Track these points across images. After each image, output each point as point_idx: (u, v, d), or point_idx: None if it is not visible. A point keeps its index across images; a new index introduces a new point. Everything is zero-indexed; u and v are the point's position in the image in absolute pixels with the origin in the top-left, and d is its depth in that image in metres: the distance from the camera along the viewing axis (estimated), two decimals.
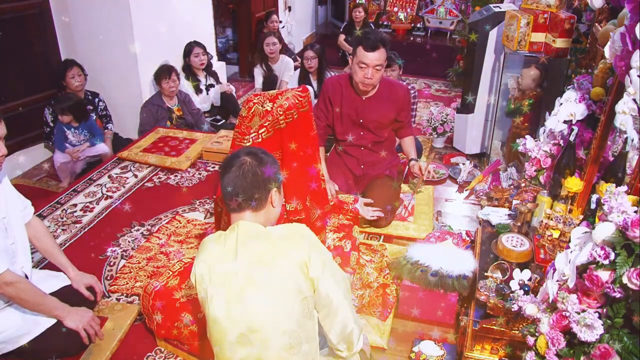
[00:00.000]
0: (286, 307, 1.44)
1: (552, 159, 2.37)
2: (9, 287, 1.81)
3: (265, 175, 1.50)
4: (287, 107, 2.08)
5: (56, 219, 3.01)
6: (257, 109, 2.05)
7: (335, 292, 1.50)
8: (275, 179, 1.54)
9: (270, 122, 2.04)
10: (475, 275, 2.19)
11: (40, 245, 2.16)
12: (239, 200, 1.48)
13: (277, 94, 2.13)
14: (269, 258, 1.45)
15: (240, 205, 1.50)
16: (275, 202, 1.55)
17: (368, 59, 2.62)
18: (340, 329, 1.53)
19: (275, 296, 1.44)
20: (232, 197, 1.48)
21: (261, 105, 2.06)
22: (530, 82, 3.23)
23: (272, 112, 2.04)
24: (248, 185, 1.48)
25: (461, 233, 2.68)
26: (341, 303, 1.51)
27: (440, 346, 2.09)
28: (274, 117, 2.05)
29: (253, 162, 1.49)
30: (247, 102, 2.08)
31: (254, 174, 1.48)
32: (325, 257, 1.53)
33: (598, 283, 1.38)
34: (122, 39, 4.02)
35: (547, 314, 1.60)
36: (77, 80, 3.80)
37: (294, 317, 1.45)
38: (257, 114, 2.05)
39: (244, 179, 1.48)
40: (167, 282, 2.09)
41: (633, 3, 1.54)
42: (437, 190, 3.37)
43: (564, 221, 2.04)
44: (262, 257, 1.46)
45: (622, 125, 1.68)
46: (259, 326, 1.44)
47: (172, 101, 4.23)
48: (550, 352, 1.53)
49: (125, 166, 3.64)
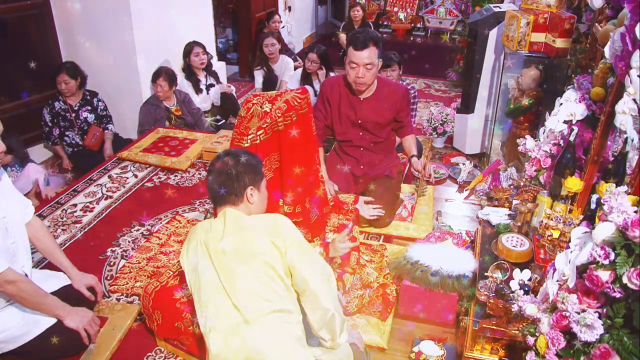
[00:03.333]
0: (265, 282, 1.60)
1: (552, 159, 2.37)
2: (10, 286, 1.81)
3: (240, 175, 1.69)
4: (286, 109, 2.08)
5: (56, 219, 3.01)
6: (256, 110, 2.05)
7: (311, 277, 1.63)
8: (252, 178, 1.71)
9: (268, 124, 2.04)
10: (475, 275, 2.19)
11: (41, 245, 2.16)
12: (218, 195, 1.70)
13: (276, 95, 2.13)
14: (250, 239, 1.64)
15: (220, 199, 1.71)
16: (253, 199, 1.72)
17: (358, 58, 2.61)
18: (320, 314, 1.64)
19: (256, 272, 1.60)
20: (213, 191, 1.72)
21: (260, 107, 2.06)
22: (530, 82, 3.23)
23: (271, 114, 2.04)
24: (223, 183, 1.69)
25: (461, 233, 2.69)
26: (319, 288, 1.63)
27: (440, 346, 2.09)
28: (272, 119, 2.05)
29: (229, 162, 1.70)
30: (246, 103, 2.08)
31: (228, 174, 1.68)
32: (302, 246, 1.69)
33: (598, 283, 1.38)
34: (122, 39, 4.02)
35: (547, 314, 1.60)
36: (64, 87, 3.76)
37: (271, 291, 1.60)
38: (256, 115, 2.05)
39: (219, 177, 1.70)
40: (167, 282, 2.10)
41: (633, 3, 1.54)
42: (437, 190, 3.37)
43: (564, 221, 2.04)
44: (244, 239, 1.64)
45: (622, 125, 1.69)
46: (247, 289, 1.59)
47: (169, 101, 4.22)
48: (550, 352, 1.53)
49: (125, 166, 3.64)
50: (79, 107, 3.89)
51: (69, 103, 3.86)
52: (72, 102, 3.87)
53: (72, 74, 3.78)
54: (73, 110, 3.87)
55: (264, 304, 1.58)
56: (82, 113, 3.90)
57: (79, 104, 3.90)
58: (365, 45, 2.58)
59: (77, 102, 3.89)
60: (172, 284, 2.08)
